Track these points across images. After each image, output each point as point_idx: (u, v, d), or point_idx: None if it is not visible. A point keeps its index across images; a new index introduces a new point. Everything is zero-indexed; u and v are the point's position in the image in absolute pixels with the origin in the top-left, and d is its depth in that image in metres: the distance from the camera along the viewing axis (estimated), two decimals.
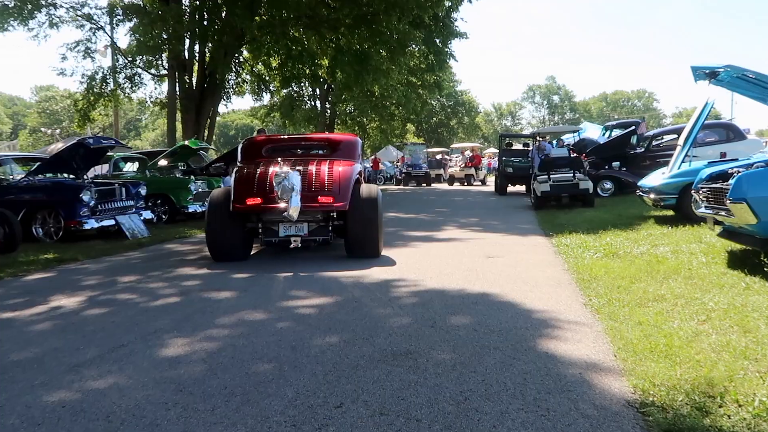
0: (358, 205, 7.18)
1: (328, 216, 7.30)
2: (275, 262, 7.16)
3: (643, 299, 4.54)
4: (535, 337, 3.76)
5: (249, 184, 7.23)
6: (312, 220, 7.31)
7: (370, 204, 7.21)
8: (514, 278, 5.72)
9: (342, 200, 7.12)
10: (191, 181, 12.92)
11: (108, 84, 22.11)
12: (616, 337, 3.67)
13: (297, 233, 7.22)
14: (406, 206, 16.32)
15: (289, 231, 7.23)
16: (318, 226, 7.32)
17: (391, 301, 4.91)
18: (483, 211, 14.48)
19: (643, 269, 5.67)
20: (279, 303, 4.93)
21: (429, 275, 5.98)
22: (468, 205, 16.68)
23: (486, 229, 10.32)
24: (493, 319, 4.20)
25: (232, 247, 7.32)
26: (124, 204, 10.67)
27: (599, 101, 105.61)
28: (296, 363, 3.38)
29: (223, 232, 7.26)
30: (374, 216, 7.17)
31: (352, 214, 7.15)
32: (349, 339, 3.82)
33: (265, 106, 36.01)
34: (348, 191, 7.20)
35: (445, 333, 3.90)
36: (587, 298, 4.78)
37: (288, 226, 7.22)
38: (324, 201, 7.09)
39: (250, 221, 7.36)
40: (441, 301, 4.84)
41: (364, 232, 7.16)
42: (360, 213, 7.14)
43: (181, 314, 4.64)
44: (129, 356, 3.61)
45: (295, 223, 7.19)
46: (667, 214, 10.15)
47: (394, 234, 9.57)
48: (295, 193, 6.88)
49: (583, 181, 13.39)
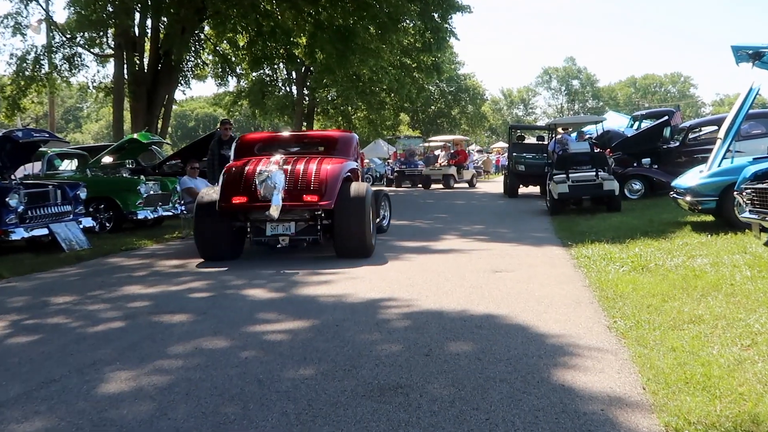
0: (345, 204, 8.10)
1: (316, 215, 8.26)
2: (247, 273, 7.16)
3: (677, 321, 4.55)
4: (549, 367, 3.76)
5: (236, 182, 8.29)
6: (299, 219, 8.29)
7: (357, 202, 8.12)
8: (525, 297, 5.72)
9: (328, 198, 8.05)
10: (141, 182, 12.85)
11: (42, 66, 22.04)
12: (646, 365, 3.67)
13: (284, 232, 8.21)
14: (398, 211, 16.30)
15: (276, 230, 8.21)
16: (307, 225, 8.32)
17: (378, 324, 4.90)
18: (489, 216, 14.52)
19: (678, 285, 5.69)
20: (244, 328, 4.91)
21: (424, 293, 5.97)
22: (472, 210, 16.72)
23: (493, 239, 10.34)
24: (499, 346, 4.20)
25: (220, 246, 8.45)
26: (60, 210, 10.59)
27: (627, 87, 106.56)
28: (264, 400, 3.35)
29: (211, 231, 8.37)
30: (361, 214, 8.07)
31: (338, 213, 8.10)
32: (328, 371, 3.80)
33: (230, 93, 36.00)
34: (335, 189, 8.14)
35: (442, 363, 3.89)
36: (612, 319, 4.79)
37: (275, 226, 8.18)
38: (309, 199, 8.04)
39: (238, 220, 8.45)
40: (438, 324, 4.83)
41: (351, 231, 8.11)
42: (347, 211, 8.07)
43: (126, 342, 4.60)
44: (61, 393, 3.57)
45: (282, 222, 8.16)
46: (705, 219, 10.20)
47: (383, 244, 9.56)
48: (277, 191, 7.84)
49: (607, 181, 13.45)
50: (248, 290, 6.47)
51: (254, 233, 8.39)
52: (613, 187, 13.41)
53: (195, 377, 3.75)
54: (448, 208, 17.86)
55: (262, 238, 8.33)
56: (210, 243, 8.46)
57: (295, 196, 8.07)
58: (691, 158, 14.83)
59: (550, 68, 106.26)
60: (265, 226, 8.24)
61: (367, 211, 8.16)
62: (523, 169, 20.84)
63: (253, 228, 8.39)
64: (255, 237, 8.40)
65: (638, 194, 16.21)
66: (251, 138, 10.24)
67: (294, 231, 8.24)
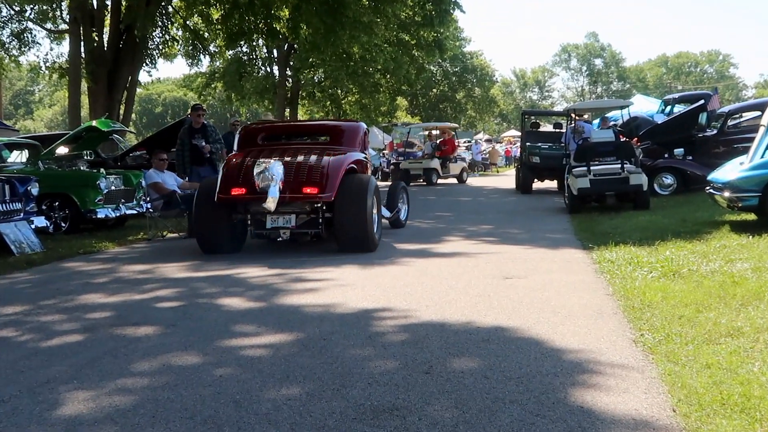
0: (346, 196, 8.88)
1: (317, 207, 9.03)
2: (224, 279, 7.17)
3: (713, 334, 4.57)
4: (566, 387, 3.78)
5: (235, 173, 9.09)
6: (300, 211, 9.08)
7: (358, 194, 8.92)
8: (539, 306, 5.73)
9: (328, 191, 8.79)
10: (101, 176, 12.85)
11: None
12: (677, 385, 3.69)
13: (285, 225, 8.95)
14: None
15: (276, 223, 8.94)
16: (309, 218, 9.09)
17: (371, 338, 4.91)
18: (499, 215, 14.54)
19: (714, 293, 5.71)
20: (219, 342, 4.91)
21: (424, 303, 5.98)
22: (479, 208, 16.74)
23: (503, 240, 10.36)
24: (510, 363, 4.21)
25: (219, 239, 9.35)
26: (9, 208, 10.57)
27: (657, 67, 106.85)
28: (241, 424, 3.36)
29: (209, 223, 9.28)
30: (362, 207, 8.82)
31: (339, 206, 8.84)
32: (314, 390, 3.81)
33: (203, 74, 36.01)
34: (336, 181, 8.89)
35: (444, 381, 3.90)
36: (638, 332, 4.81)
37: (275, 218, 8.92)
38: (308, 192, 8.79)
39: (238, 212, 9.30)
40: (440, 338, 4.84)
41: (351, 225, 8.91)
42: (347, 204, 8.83)
43: (84, 358, 4.60)
44: (11, 416, 3.57)
45: (282, 215, 8.91)
46: (746, 218, 10.24)
47: (379, 247, 9.57)
48: (274, 183, 8.51)
49: (634, 175, 13.47)
50: (224, 299, 6.47)
51: (255, 226, 9.24)
52: (640, 182, 13.42)
53: (163, 398, 3.75)
54: (452, 205, 17.88)
55: (263, 231, 9.15)
56: (209, 236, 9.36)
57: (295, 188, 8.79)
58: (730, 148, 14.85)
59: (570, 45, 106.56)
60: (265, 218, 8.97)
61: (369, 203, 8.90)
62: (537, 161, 20.83)
63: (254, 220, 9.21)
64: (256, 230, 9.26)
65: (669, 190, 16.24)
66: (255, 128, 11.35)
67: (294, 224, 8.99)
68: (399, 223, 12.12)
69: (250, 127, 11.40)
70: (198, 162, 12.03)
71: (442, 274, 7.50)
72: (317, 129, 12.28)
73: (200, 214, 9.35)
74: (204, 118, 12.39)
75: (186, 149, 11.97)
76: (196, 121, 12.06)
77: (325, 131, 11.49)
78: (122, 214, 13.22)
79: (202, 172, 11.93)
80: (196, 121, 12.06)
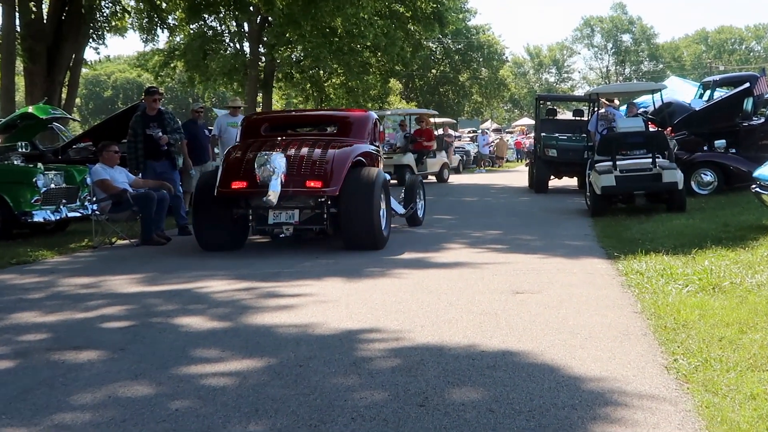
0: (353, 191, 9.63)
1: (321, 202, 9.73)
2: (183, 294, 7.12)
3: (758, 359, 4.58)
4: (585, 421, 3.77)
5: (237, 166, 9.86)
6: (304, 206, 9.83)
7: (365, 188, 9.70)
8: (555, 327, 5.73)
9: (333, 184, 9.55)
10: (38, 173, 12.78)
11: None
12: (716, 418, 3.69)
13: (287, 221, 9.70)
14: None
15: (279, 218, 9.71)
16: (313, 213, 9.84)
17: (356, 364, 4.90)
18: (509, 218, 14.57)
19: (761, 311, 5.73)
20: (175, 369, 4.89)
21: (420, 323, 5.97)
22: (486, 210, 16.76)
23: (513, 248, 10.38)
24: (519, 393, 4.21)
25: (219, 235, 10.18)
26: None
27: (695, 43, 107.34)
28: None
29: (209, 219, 10.10)
30: (369, 201, 9.60)
31: (345, 201, 9.62)
32: (287, 427, 3.80)
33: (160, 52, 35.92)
34: (341, 174, 9.65)
35: (442, 415, 3.90)
36: (671, 357, 4.81)
37: (278, 213, 9.69)
38: (312, 185, 9.55)
39: (239, 207, 10.03)
40: (437, 364, 4.83)
41: (358, 220, 9.69)
42: (353, 199, 9.61)
43: (15, 389, 4.57)
44: None
45: (284, 210, 9.68)
46: None
47: (366, 255, 9.58)
48: (275, 176, 9.21)
49: (667, 171, 13.49)
50: (182, 317, 6.44)
51: (257, 221, 10.00)
52: (675, 179, 13.44)
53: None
54: (454, 206, 17.91)
55: (265, 227, 10.01)
56: (209, 232, 10.19)
57: (298, 181, 9.56)
58: None
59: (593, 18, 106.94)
60: (267, 213, 9.75)
61: (376, 198, 9.72)
62: (554, 155, 20.83)
63: (256, 216, 9.97)
64: (258, 225, 10.05)
65: (709, 188, 16.29)
66: (258, 118, 12.70)
67: (298, 219, 9.75)
68: (417, 221, 13.00)
69: (253, 118, 12.56)
70: (153, 155, 11.97)
71: (440, 288, 7.49)
72: (323, 119, 13.33)
73: (199, 209, 10.17)
74: (161, 104, 12.36)
75: (139, 141, 11.92)
76: (151, 107, 12.03)
77: (332, 121, 12.34)
78: (63, 217, 13.11)
79: (158, 167, 11.91)
80: (151, 107, 12.03)
